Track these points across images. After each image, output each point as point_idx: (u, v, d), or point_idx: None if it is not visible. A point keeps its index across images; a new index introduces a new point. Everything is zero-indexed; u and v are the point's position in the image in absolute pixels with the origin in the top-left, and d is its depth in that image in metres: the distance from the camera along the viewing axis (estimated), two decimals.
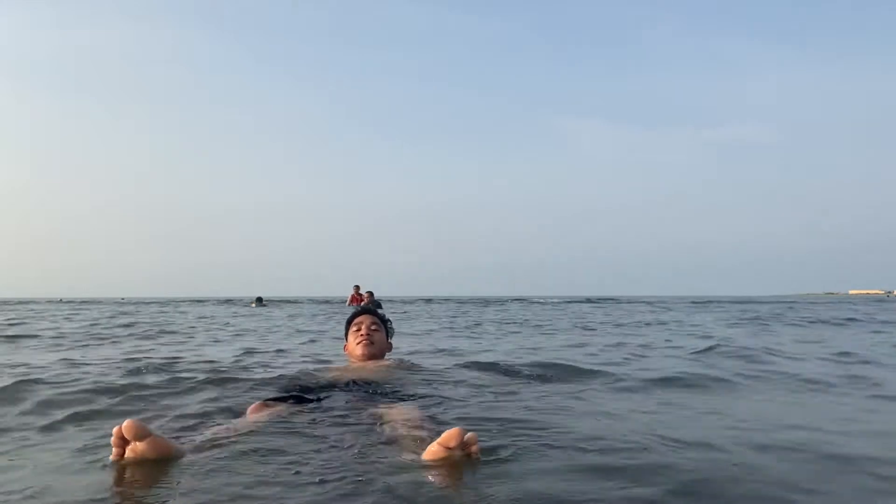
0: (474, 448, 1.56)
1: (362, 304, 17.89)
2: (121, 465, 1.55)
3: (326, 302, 29.35)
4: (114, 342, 6.06)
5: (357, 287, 18.70)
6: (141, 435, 1.52)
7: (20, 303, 30.69)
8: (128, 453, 1.55)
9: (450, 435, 1.51)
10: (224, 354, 4.71)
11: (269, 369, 3.70)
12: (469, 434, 1.54)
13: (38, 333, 7.06)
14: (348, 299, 19.09)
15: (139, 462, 1.53)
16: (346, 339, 3.26)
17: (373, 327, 3.16)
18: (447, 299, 37.72)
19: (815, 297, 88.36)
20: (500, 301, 33.60)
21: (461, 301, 33.13)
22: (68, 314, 13.55)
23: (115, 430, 1.55)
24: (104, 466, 1.58)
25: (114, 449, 1.56)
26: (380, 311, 3.43)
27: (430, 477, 1.47)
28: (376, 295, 19.08)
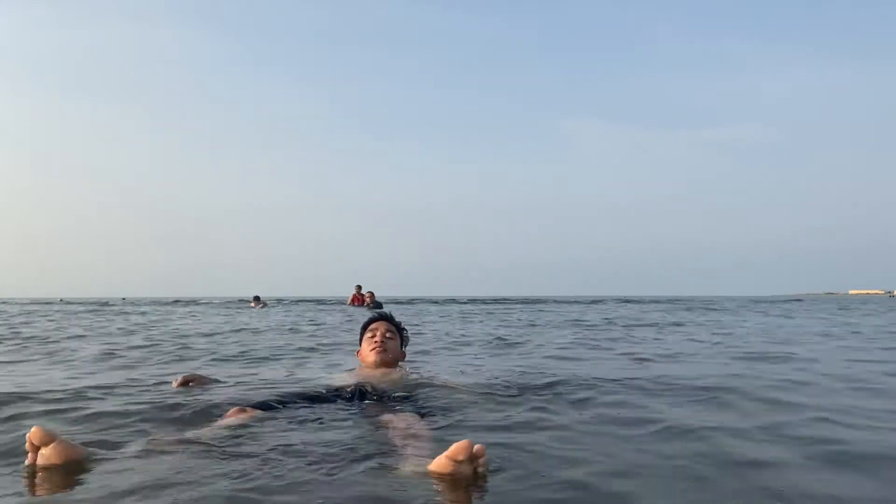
0: (482, 461, 1.54)
1: (366, 304, 17.88)
2: (32, 471, 1.60)
3: (323, 301, 29.26)
4: None
5: (359, 287, 18.67)
6: (46, 440, 1.59)
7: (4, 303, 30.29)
8: (39, 459, 1.60)
9: (458, 447, 1.50)
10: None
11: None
12: (477, 447, 1.52)
13: None
14: (349, 299, 19.06)
15: (49, 468, 1.59)
16: (360, 345, 3.23)
17: (388, 335, 3.12)
18: (452, 300, 37.61)
19: (815, 297, 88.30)
20: (507, 301, 33.49)
21: (475, 300, 33.02)
22: None
23: (27, 435, 1.62)
24: (16, 473, 1.62)
25: (28, 454, 1.63)
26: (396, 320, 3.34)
27: (436, 489, 1.44)
28: (377, 295, 19.07)
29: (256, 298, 19.17)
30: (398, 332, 3.24)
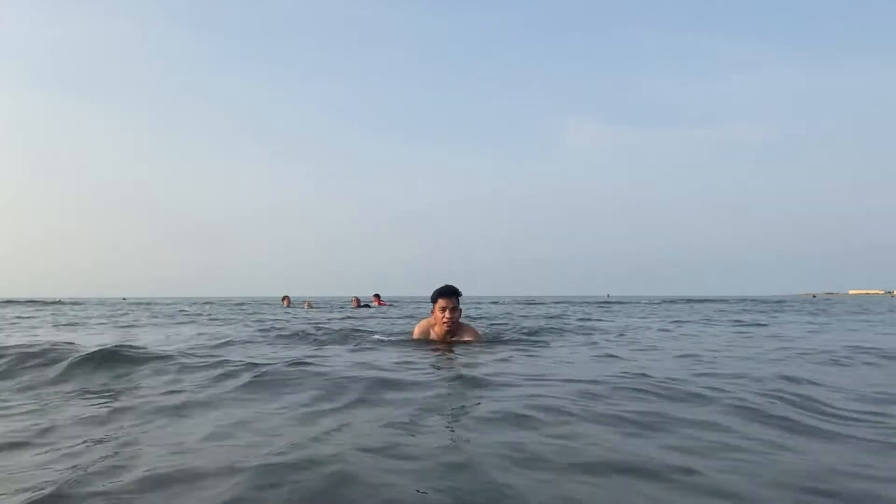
0: None
1: (376, 305, 17.99)
2: None
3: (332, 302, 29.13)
4: None
5: (356, 299, 18.76)
6: None
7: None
8: None
9: None
10: None
11: None
12: None
13: None
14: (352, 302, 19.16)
15: None
16: (434, 308, 4.73)
17: (455, 310, 4.70)
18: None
19: (801, 297, 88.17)
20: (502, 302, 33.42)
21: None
22: None
23: None
24: None
25: None
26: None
27: None
28: (382, 296, 19.16)
29: (285, 299, 19.38)
30: (458, 299, 4.71)
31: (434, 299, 4.73)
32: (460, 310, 4.80)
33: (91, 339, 5.88)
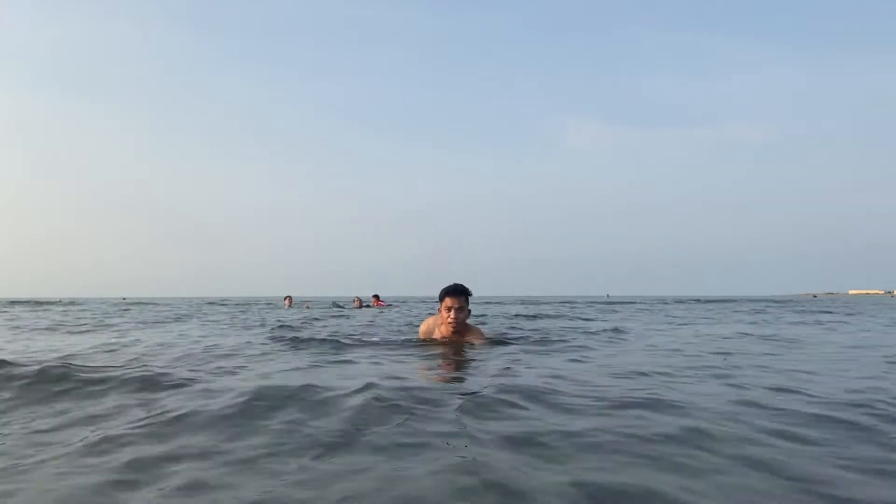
0: None
1: (376, 305, 18.05)
2: None
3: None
4: None
5: (358, 299, 18.81)
6: None
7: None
8: None
9: None
10: None
11: None
12: None
13: None
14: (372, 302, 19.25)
15: None
16: (440, 307, 4.67)
17: (459, 310, 4.60)
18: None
19: (798, 297, 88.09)
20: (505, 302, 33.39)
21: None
22: None
23: None
24: None
25: None
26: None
27: None
28: (381, 296, 19.20)
29: (289, 298, 19.43)
30: (466, 299, 4.62)
31: (441, 298, 4.63)
32: (468, 310, 4.69)
33: (105, 347, 5.92)
